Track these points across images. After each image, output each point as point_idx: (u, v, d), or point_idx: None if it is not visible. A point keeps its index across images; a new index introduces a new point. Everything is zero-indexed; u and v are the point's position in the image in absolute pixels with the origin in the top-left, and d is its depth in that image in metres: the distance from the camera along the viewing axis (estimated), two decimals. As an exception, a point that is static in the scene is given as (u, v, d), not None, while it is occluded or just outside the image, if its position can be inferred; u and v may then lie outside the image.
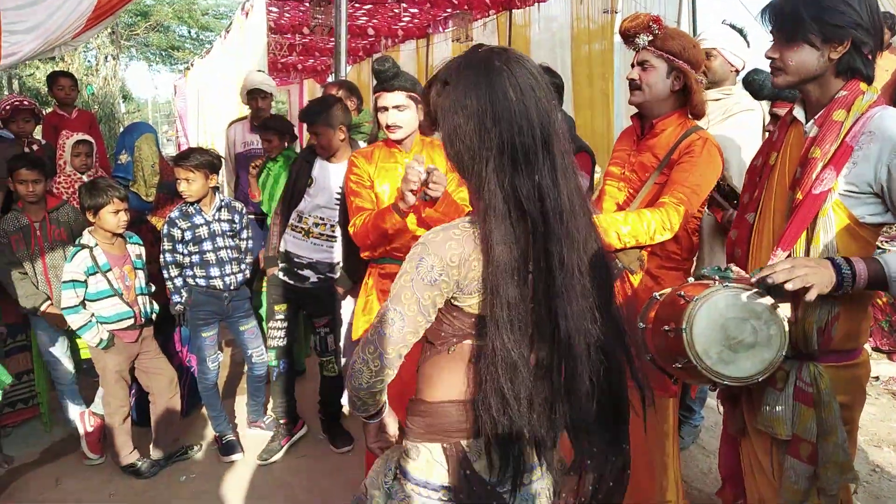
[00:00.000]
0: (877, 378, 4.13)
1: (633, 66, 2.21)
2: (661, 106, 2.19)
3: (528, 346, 1.20)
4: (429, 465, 1.30)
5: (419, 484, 1.30)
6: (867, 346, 4.12)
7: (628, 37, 2.20)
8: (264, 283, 3.55)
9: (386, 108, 2.40)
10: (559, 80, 3.07)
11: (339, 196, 3.11)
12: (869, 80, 1.56)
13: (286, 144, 3.98)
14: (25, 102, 4.33)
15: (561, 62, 6.97)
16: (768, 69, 1.68)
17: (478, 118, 1.17)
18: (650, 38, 2.13)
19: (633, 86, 2.20)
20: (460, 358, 1.29)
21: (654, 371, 1.81)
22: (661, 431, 2.30)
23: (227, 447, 3.31)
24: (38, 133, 4.70)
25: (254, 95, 4.53)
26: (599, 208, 2.31)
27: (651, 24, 2.13)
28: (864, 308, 1.63)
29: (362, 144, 3.20)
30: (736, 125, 2.66)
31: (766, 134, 2.68)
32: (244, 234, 3.38)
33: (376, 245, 2.46)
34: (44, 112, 4.54)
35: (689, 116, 2.21)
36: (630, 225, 2.03)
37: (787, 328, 1.49)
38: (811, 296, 1.40)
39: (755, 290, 1.50)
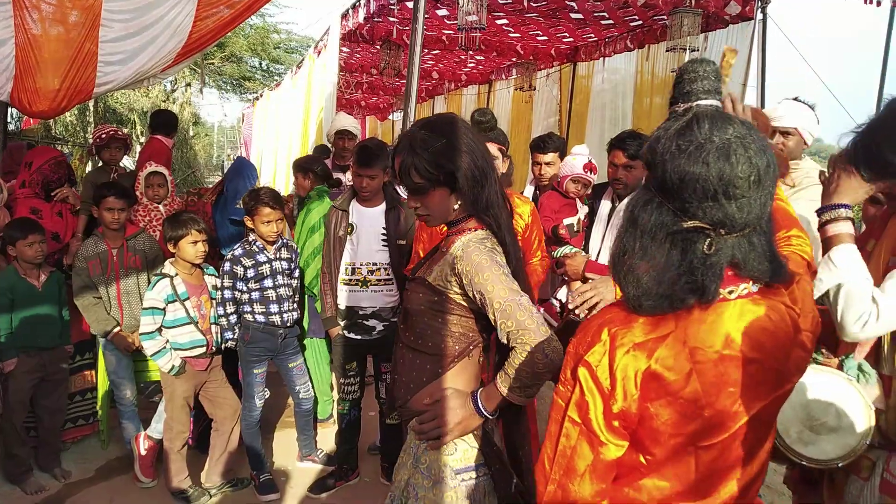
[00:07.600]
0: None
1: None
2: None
3: None
4: (466, 453, 1.58)
5: (462, 471, 1.58)
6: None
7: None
8: None
9: None
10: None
11: (383, 238, 3.19)
12: None
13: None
14: (120, 133, 4.58)
15: (622, 113, 7.02)
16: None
17: (470, 155, 1.60)
18: None
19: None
20: (476, 358, 1.65)
21: None
22: None
23: (264, 486, 3.31)
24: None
25: (342, 136, 4.77)
26: None
27: None
28: None
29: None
30: (807, 198, 2.66)
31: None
32: (296, 273, 3.46)
33: None
34: (130, 139, 4.77)
35: None
36: None
37: (873, 416, 1.47)
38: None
39: (844, 376, 1.50)
